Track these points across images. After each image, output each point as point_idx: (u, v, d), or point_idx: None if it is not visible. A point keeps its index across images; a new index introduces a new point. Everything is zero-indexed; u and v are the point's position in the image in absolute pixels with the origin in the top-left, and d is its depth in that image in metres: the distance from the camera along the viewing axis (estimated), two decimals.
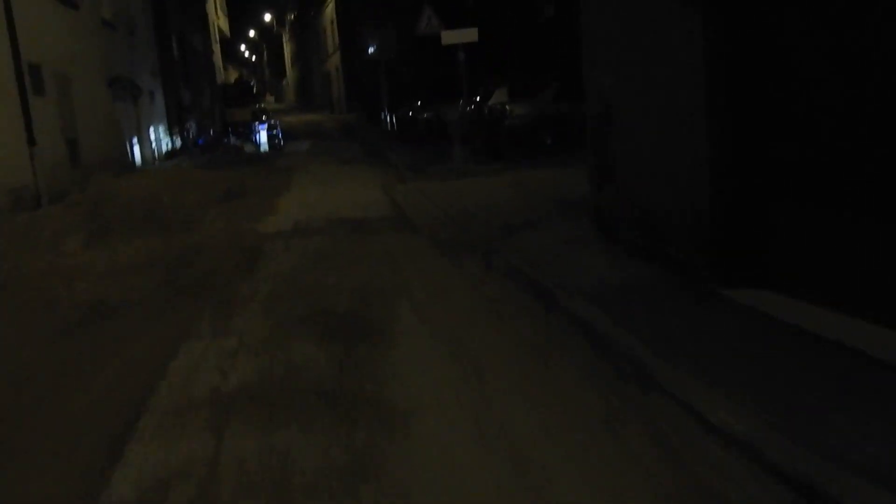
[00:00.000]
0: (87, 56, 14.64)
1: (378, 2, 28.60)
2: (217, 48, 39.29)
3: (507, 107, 13.23)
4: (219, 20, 41.46)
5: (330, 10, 39.98)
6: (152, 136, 20.14)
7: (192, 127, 25.38)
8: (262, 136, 21.90)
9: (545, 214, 7.51)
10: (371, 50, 21.17)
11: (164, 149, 21.47)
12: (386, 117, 24.57)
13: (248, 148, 21.75)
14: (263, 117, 24.01)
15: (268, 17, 65.34)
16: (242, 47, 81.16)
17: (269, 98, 71.20)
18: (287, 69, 69.35)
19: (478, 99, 15.34)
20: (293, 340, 4.38)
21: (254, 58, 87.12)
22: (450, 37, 12.70)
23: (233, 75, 65.51)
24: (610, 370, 3.62)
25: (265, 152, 21.20)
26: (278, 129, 23.07)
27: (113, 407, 3.62)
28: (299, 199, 10.78)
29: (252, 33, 75.71)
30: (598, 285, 4.85)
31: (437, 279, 5.60)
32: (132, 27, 19.02)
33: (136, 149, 18.57)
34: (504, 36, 22.39)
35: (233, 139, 22.63)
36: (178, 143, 23.70)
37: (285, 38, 66.82)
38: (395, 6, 25.56)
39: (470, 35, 12.56)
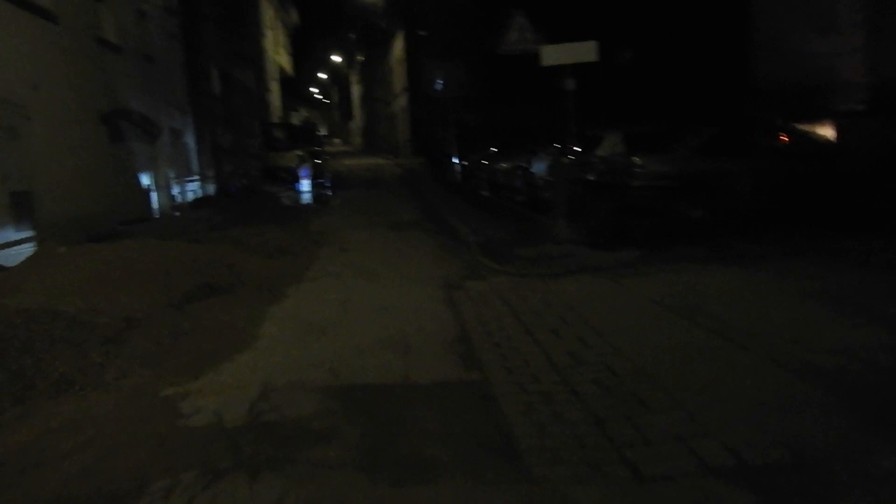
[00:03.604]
0: (65, 83, 11.10)
1: (452, 38, 25.01)
2: (276, 86, 36.39)
3: (636, 160, 8.78)
4: (279, 56, 38.72)
5: (398, 48, 36.93)
6: (174, 183, 16.60)
7: (230, 172, 21.95)
8: (305, 185, 18.13)
9: (847, 445, 3.01)
10: (438, 85, 17.22)
11: (190, 197, 17.95)
12: (454, 166, 20.55)
13: (288, 198, 17.98)
14: (316, 161, 20.26)
15: (336, 59, 63.02)
16: (315, 89, 79.72)
17: (336, 141, 69.11)
18: (355, 111, 67.07)
19: (580, 150, 10.93)
20: None
21: (325, 100, 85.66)
22: (554, 54, 8.44)
23: (301, 116, 63.42)
24: None
25: (306, 204, 17.36)
26: (326, 177, 19.31)
27: None
28: (306, 309, 6.51)
29: (325, 75, 73.87)
30: None
31: None
32: (149, 52, 15.62)
33: (154, 197, 15.12)
34: (593, 76, 18.44)
35: (271, 187, 18.91)
36: (213, 189, 20.23)
37: (354, 80, 64.58)
38: (471, 43, 21.88)
39: (586, 51, 8.26)
